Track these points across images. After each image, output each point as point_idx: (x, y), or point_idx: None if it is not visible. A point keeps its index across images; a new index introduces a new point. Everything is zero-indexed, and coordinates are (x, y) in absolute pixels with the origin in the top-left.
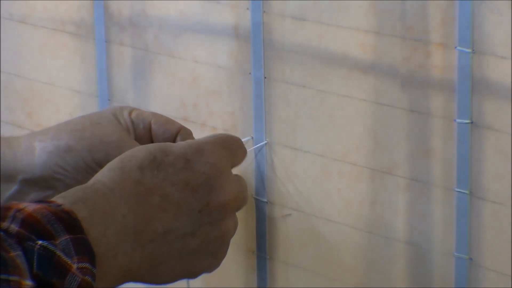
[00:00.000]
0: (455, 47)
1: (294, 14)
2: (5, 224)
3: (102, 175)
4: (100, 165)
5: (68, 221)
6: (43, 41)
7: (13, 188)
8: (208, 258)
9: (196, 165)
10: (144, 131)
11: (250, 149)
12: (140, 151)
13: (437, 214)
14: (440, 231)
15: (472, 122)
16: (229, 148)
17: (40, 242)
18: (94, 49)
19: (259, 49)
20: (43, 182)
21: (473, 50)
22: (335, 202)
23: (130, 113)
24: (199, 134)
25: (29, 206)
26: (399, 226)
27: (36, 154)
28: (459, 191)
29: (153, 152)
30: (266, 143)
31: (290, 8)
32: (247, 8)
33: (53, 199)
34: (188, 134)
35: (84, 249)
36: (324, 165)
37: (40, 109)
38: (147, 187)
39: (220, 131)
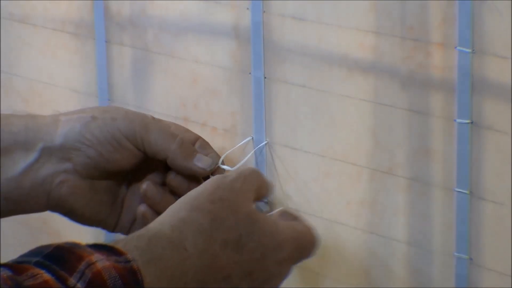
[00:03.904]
0: (455, 47)
1: (294, 14)
2: (72, 281)
3: (188, 231)
4: (127, 137)
5: (131, 286)
6: (43, 41)
7: (32, 156)
8: None
9: (268, 261)
10: None
11: (251, 152)
12: (230, 217)
13: (437, 214)
14: (440, 231)
15: (472, 122)
16: (306, 250)
17: None
18: (94, 49)
19: (259, 49)
20: (62, 152)
21: (473, 50)
22: (335, 202)
23: (152, 116)
24: (199, 134)
25: (100, 261)
26: (399, 226)
27: (59, 125)
28: (459, 191)
29: (240, 229)
30: (266, 143)
31: (290, 8)
32: (247, 8)
33: (126, 247)
34: (205, 144)
35: None
36: (324, 165)
37: (40, 109)
38: (219, 265)
39: (220, 131)
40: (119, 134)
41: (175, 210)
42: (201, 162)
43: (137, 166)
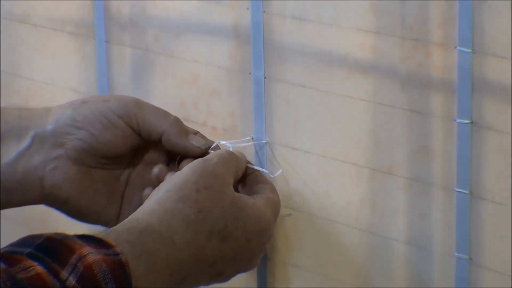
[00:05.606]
0: (455, 47)
1: (294, 14)
2: (64, 274)
3: (176, 224)
4: (120, 116)
5: (121, 281)
6: (43, 41)
7: (24, 143)
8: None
9: (252, 244)
10: None
11: (251, 145)
12: (216, 207)
13: (437, 214)
14: (440, 231)
15: (472, 122)
16: (276, 212)
17: None
18: (94, 49)
19: (259, 49)
20: (54, 138)
21: (473, 50)
22: (335, 202)
23: None
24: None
25: (90, 254)
26: (399, 226)
27: (51, 113)
28: (459, 191)
29: (226, 219)
30: (266, 143)
31: (290, 8)
32: (247, 8)
33: (117, 241)
34: (200, 135)
35: None
36: (324, 165)
37: None
38: (205, 254)
39: (220, 131)
40: (111, 113)
41: (162, 200)
42: (195, 141)
43: (135, 159)
